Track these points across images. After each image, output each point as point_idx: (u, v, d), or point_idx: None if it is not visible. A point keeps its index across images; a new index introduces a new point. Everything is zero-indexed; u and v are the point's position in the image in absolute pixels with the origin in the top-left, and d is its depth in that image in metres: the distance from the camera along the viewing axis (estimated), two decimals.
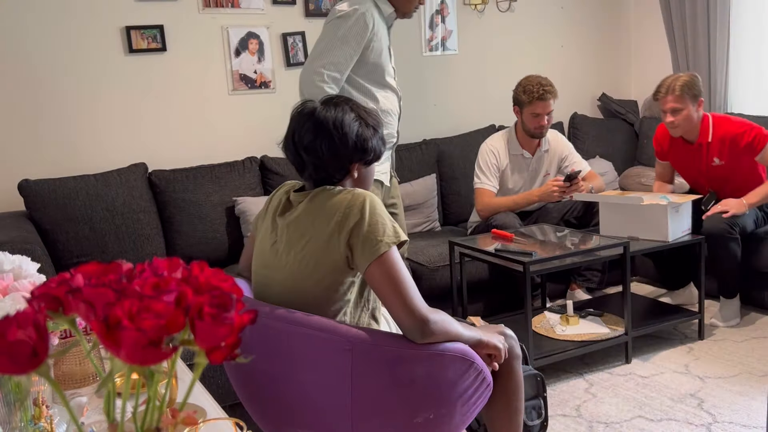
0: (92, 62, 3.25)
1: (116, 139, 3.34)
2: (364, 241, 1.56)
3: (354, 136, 1.68)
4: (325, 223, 1.60)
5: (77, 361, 1.49)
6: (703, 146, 3.32)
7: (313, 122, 1.68)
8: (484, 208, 3.44)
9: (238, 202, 3.26)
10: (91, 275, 0.64)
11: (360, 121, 1.70)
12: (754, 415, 2.48)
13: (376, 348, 1.56)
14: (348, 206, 1.59)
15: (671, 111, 3.23)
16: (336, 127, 1.66)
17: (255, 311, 0.64)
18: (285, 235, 1.68)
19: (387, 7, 2.62)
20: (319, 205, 1.63)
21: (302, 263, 1.63)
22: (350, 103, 1.73)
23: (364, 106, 1.79)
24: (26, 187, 2.97)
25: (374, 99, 2.61)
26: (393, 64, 2.72)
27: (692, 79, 3.24)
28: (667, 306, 3.37)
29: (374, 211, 1.59)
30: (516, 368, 1.87)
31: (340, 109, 1.69)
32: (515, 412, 1.89)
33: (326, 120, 1.67)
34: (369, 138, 1.71)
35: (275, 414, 1.72)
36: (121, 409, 0.62)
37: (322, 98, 1.76)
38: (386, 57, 2.65)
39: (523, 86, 3.39)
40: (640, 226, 3.10)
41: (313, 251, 1.61)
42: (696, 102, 3.23)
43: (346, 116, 1.68)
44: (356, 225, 1.57)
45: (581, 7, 4.62)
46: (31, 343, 0.58)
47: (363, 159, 1.72)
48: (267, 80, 3.65)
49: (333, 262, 1.60)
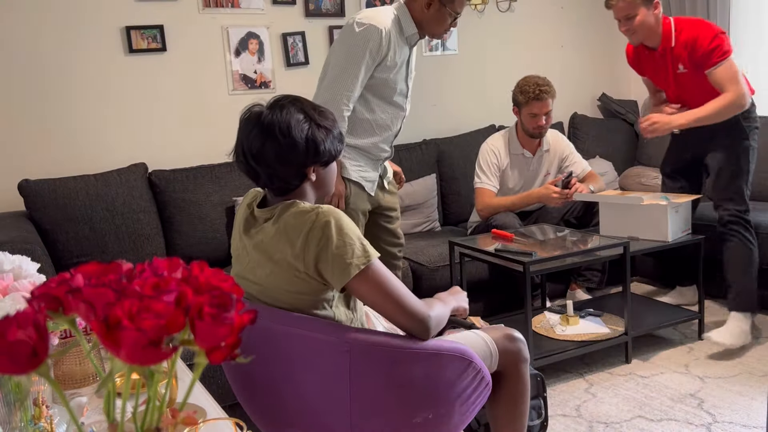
0: (92, 62, 3.25)
1: (116, 139, 3.34)
2: (333, 265, 1.50)
3: (303, 140, 1.57)
4: (289, 247, 1.51)
5: (77, 361, 1.49)
6: (667, 51, 3.08)
7: (259, 128, 1.58)
8: (484, 208, 3.44)
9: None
10: (91, 275, 0.64)
11: (310, 122, 1.60)
12: (754, 415, 2.48)
13: (374, 348, 1.56)
14: (310, 230, 1.50)
15: (624, 18, 3.03)
16: (282, 133, 1.55)
17: (255, 311, 0.64)
18: (254, 255, 1.61)
19: (410, 27, 2.47)
20: (282, 227, 1.54)
21: (275, 284, 1.58)
22: (298, 104, 1.63)
23: (316, 103, 1.68)
24: (26, 187, 2.97)
25: (371, 110, 2.50)
26: (409, 83, 2.58)
27: None
28: (667, 306, 3.37)
29: (340, 231, 1.50)
30: (523, 371, 1.87)
31: (287, 111, 1.58)
32: (520, 415, 1.88)
33: (272, 125, 1.57)
34: (321, 140, 1.60)
35: (274, 415, 1.72)
36: (121, 409, 0.62)
37: (269, 101, 1.65)
38: (401, 75, 2.50)
39: (521, 87, 3.40)
40: (640, 226, 3.10)
41: (283, 276, 1.55)
42: (650, 4, 2.99)
43: (293, 118, 1.58)
44: (321, 250, 1.49)
45: (581, 7, 4.62)
46: (31, 343, 0.58)
47: (317, 161, 1.62)
48: (267, 80, 3.65)
49: (305, 283, 1.55)
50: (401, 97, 2.56)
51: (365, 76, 2.41)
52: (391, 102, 2.54)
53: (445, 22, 2.49)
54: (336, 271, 1.50)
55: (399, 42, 2.46)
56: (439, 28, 2.51)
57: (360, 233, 1.55)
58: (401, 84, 2.53)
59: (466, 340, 1.81)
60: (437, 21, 2.48)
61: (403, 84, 2.54)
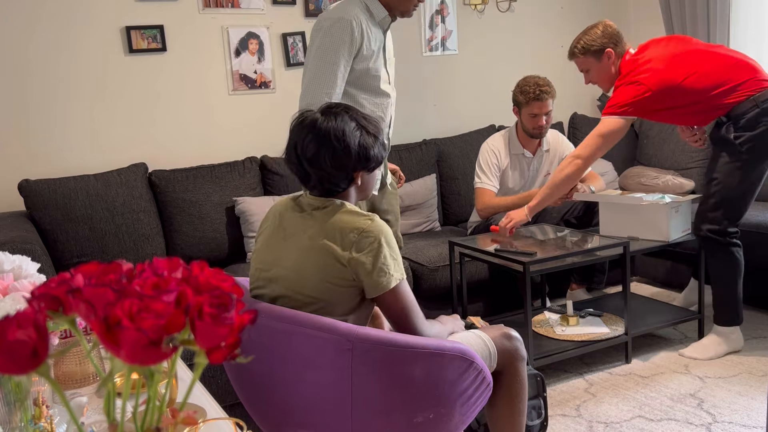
0: (92, 62, 3.25)
1: (116, 139, 3.34)
2: (376, 273, 1.61)
3: (356, 146, 1.68)
4: (339, 238, 1.63)
5: (77, 361, 1.49)
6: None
7: (314, 134, 1.67)
8: (483, 208, 3.44)
9: (238, 202, 3.26)
10: (91, 275, 0.64)
11: (361, 130, 1.70)
12: (754, 415, 2.48)
13: (376, 347, 1.56)
14: (366, 231, 1.62)
15: (583, 72, 3.06)
16: (338, 139, 1.66)
17: (255, 311, 0.64)
18: (291, 238, 1.70)
19: (380, 11, 2.49)
20: (337, 220, 1.66)
21: (306, 268, 1.66)
22: (350, 112, 1.73)
23: (363, 112, 1.78)
24: (26, 187, 2.97)
25: (360, 105, 2.48)
26: (389, 69, 2.58)
27: (589, 33, 3.00)
28: (667, 306, 3.37)
29: (390, 244, 1.64)
30: (521, 370, 1.89)
31: (341, 119, 1.69)
32: (519, 413, 1.89)
33: (328, 131, 1.67)
34: (371, 146, 1.71)
35: (275, 414, 1.72)
36: (121, 409, 0.62)
37: (321, 107, 1.75)
38: (379, 62, 2.51)
39: (521, 87, 3.39)
40: (640, 225, 3.10)
41: (319, 259, 1.64)
42: (600, 56, 2.97)
43: (347, 126, 1.68)
44: (369, 255, 1.61)
45: (581, 7, 4.62)
46: (31, 343, 0.58)
47: (366, 167, 1.73)
48: (267, 80, 3.65)
49: (338, 271, 1.63)
50: (386, 84, 2.56)
51: (345, 71, 2.40)
52: (378, 92, 2.53)
53: None
54: (376, 279, 1.62)
55: (371, 28, 2.46)
56: (408, 3, 2.51)
57: (397, 247, 1.69)
58: (382, 71, 2.53)
59: (466, 339, 1.81)
60: None
61: (383, 71, 2.54)
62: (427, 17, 4.11)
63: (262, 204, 3.23)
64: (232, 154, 3.49)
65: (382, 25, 2.53)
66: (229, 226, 3.27)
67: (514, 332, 1.91)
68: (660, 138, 4.31)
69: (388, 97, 2.59)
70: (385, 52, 2.57)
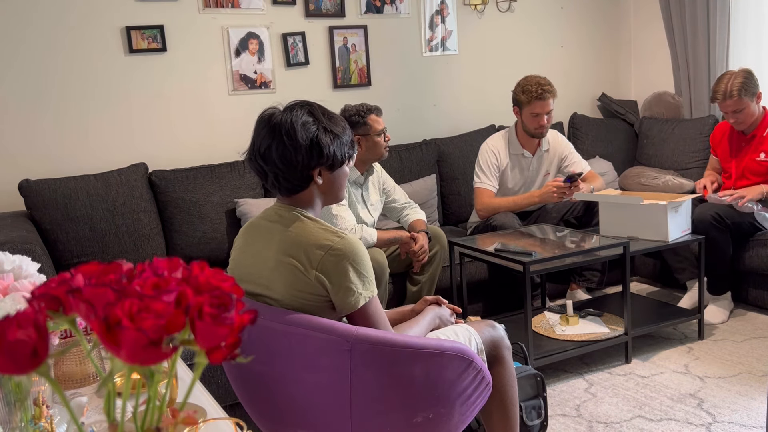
0: (92, 62, 3.25)
1: (116, 139, 3.34)
2: (343, 291, 1.57)
3: (307, 141, 1.58)
4: (304, 255, 1.56)
5: (77, 361, 1.49)
6: (755, 138, 3.39)
7: (268, 128, 1.60)
8: (483, 208, 3.44)
9: (239, 204, 3.26)
10: (91, 275, 0.64)
11: (317, 125, 1.61)
12: (754, 415, 2.48)
13: (374, 348, 1.56)
14: (333, 250, 1.55)
15: (732, 113, 3.31)
16: (288, 134, 1.57)
17: (255, 311, 0.64)
18: (260, 247, 1.67)
19: (352, 173, 2.60)
20: (297, 234, 1.59)
21: (278, 280, 1.62)
22: (309, 107, 1.64)
23: (330, 110, 1.69)
24: (26, 187, 2.97)
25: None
26: (373, 214, 2.90)
27: (746, 77, 3.29)
28: (667, 306, 3.37)
29: (359, 261, 1.57)
30: (508, 358, 1.90)
31: (296, 113, 1.60)
32: (511, 404, 1.90)
33: (279, 125, 1.58)
34: (326, 143, 1.60)
35: (275, 414, 1.72)
36: (121, 409, 0.62)
37: (287, 103, 1.67)
38: (353, 208, 2.79)
39: (522, 86, 3.39)
40: (639, 226, 3.10)
41: (286, 275, 1.60)
42: (754, 97, 3.30)
43: (300, 120, 1.59)
44: (335, 272, 1.55)
45: (581, 7, 4.62)
46: (32, 343, 0.58)
47: (321, 164, 1.62)
48: (267, 80, 3.65)
49: (307, 285, 1.59)
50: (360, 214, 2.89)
51: None
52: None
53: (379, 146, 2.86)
54: (342, 298, 1.58)
55: (349, 188, 2.78)
56: (379, 149, 2.88)
57: (370, 264, 1.62)
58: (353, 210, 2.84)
59: (450, 334, 1.82)
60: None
61: (356, 212, 2.87)
62: (427, 17, 4.11)
63: (262, 205, 3.23)
64: (232, 154, 3.49)
65: (356, 183, 2.80)
66: (229, 226, 3.27)
67: (498, 324, 1.95)
68: (660, 138, 4.31)
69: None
70: (366, 202, 2.88)
